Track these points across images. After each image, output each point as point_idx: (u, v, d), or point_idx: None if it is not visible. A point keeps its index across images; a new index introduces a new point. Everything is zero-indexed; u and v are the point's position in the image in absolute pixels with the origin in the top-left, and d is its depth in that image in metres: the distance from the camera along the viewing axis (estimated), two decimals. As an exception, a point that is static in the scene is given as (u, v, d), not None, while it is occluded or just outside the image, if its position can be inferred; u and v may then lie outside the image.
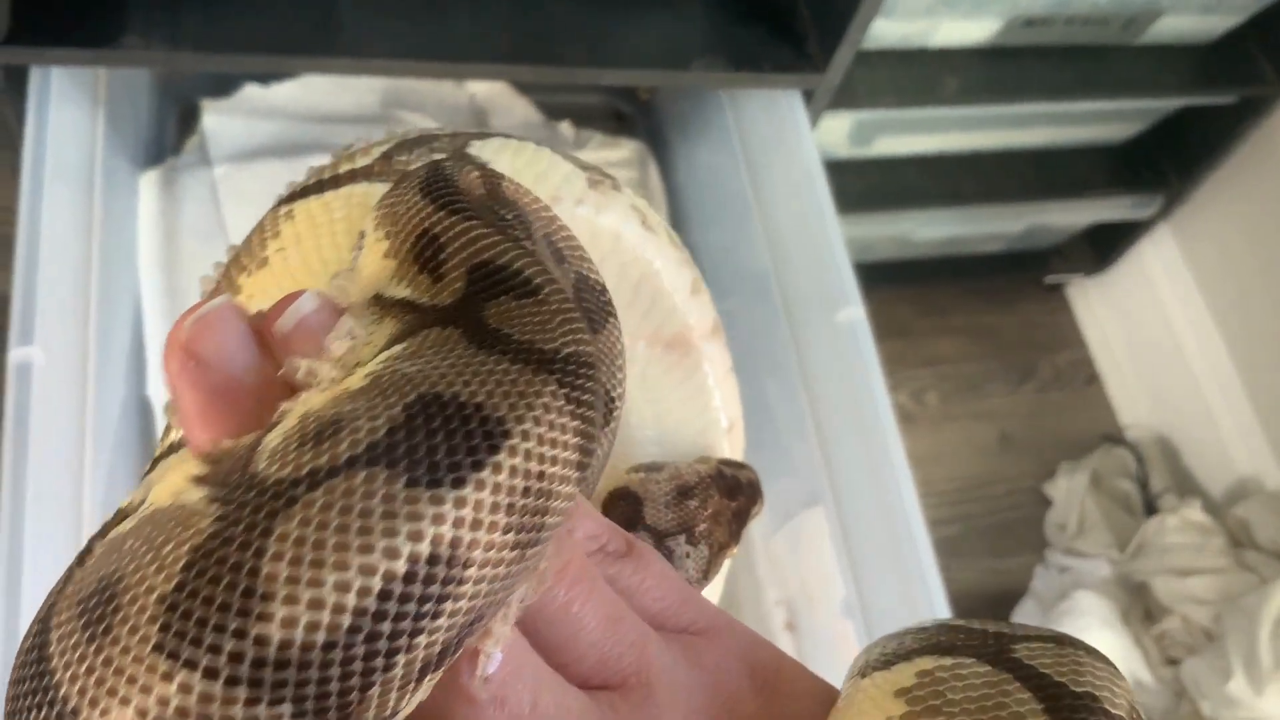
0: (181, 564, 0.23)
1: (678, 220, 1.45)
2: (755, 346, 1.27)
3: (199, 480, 0.26)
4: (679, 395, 0.59)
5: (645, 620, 0.36)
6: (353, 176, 0.48)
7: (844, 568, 1.06)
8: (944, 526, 1.88)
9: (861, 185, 1.71)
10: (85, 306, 1.02)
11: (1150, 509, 1.89)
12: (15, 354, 0.95)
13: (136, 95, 1.28)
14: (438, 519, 0.24)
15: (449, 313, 0.30)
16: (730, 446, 0.62)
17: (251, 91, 1.32)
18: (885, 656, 0.34)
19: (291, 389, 0.31)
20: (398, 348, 0.29)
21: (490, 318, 0.29)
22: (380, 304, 0.33)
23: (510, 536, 0.25)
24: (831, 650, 1.13)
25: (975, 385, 2.06)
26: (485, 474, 0.25)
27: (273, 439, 0.26)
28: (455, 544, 0.24)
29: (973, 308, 2.14)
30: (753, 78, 1.21)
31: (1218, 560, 1.72)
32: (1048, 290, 2.21)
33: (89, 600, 0.24)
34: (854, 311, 1.11)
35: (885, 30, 1.42)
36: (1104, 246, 2.09)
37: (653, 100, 1.53)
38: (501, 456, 0.25)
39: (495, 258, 0.32)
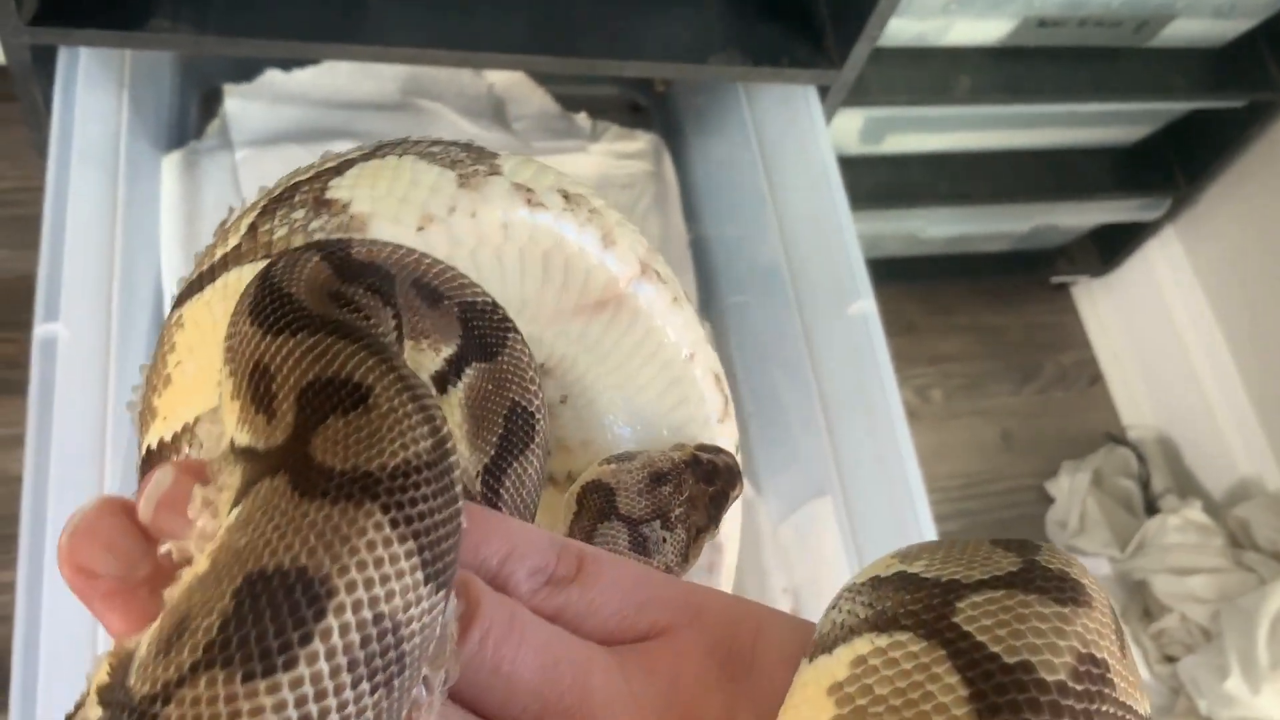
0: None
1: (692, 212, 1.46)
2: (767, 339, 1.28)
3: (100, 695, 0.28)
4: (628, 347, 0.58)
5: (602, 637, 0.36)
6: (225, 264, 0.47)
7: (850, 557, 1.08)
8: (946, 522, 1.90)
9: (871, 182, 1.73)
10: (108, 285, 1.04)
11: (1151, 509, 1.91)
12: (40, 330, 0.97)
13: (160, 78, 1.30)
14: (279, 706, 0.25)
15: (280, 455, 0.31)
16: (700, 373, 0.61)
17: (273, 76, 1.33)
18: (835, 630, 0.34)
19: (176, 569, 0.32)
20: (235, 513, 0.30)
21: (317, 449, 0.30)
22: (234, 453, 0.33)
23: (365, 684, 0.27)
24: (836, 638, 1.14)
25: (979, 383, 2.07)
26: (315, 645, 0.26)
27: (143, 647, 0.28)
28: None
29: (978, 306, 2.15)
30: (770, 72, 1.22)
31: (1217, 560, 1.73)
32: (1053, 290, 2.22)
33: None
34: (865, 305, 1.12)
35: (899, 28, 1.43)
36: (1110, 248, 2.11)
37: (669, 93, 1.54)
38: (329, 620, 0.26)
39: (323, 371, 0.32)
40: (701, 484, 0.59)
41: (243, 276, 0.46)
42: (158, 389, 0.46)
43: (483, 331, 0.46)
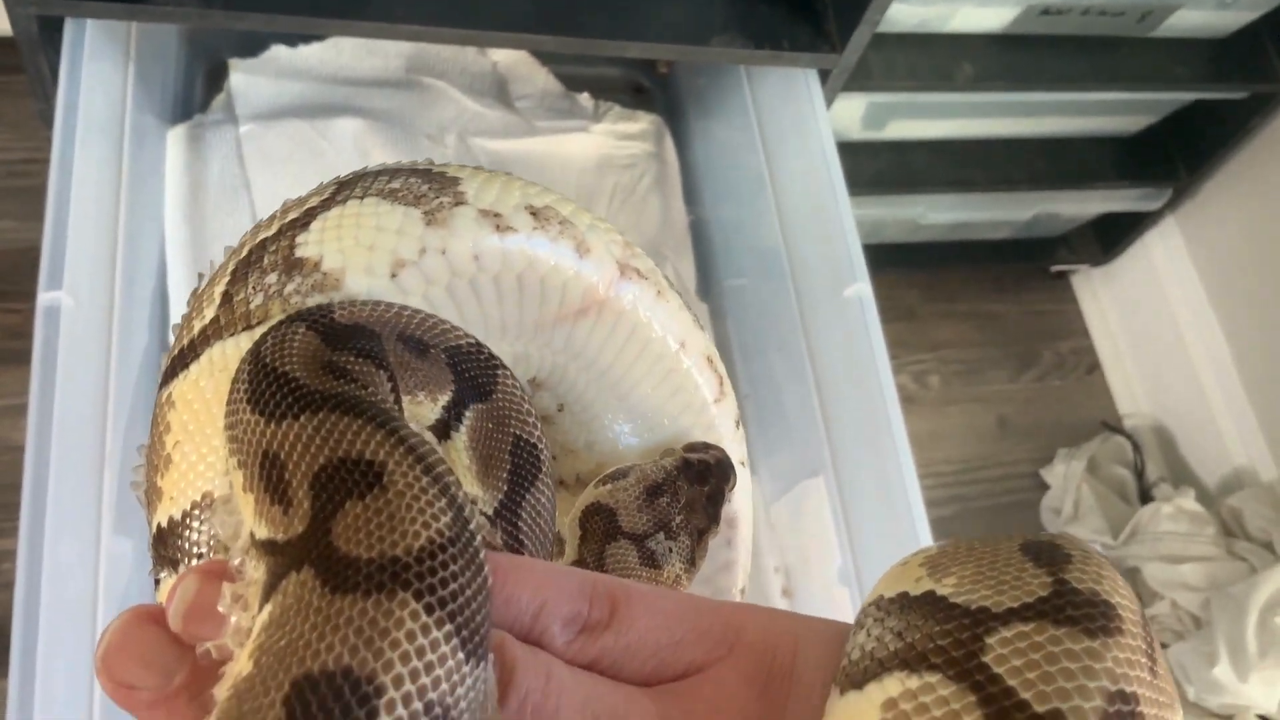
0: None
1: (692, 194, 1.47)
2: (764, 322, 1.29)
3: None
4: (616, 347, 0.58)
5: (641, 680, 0.36)
6: (205, 339, 0.47)
7: (841, 537, 1.09)
8: (940, 507, 1.91)
9: (873, 168, 1.73)
10: (112, 256, 1.05)
11: (1145, 497, 1.92)
12: (44, 298, 0.97)
13: (166, 52, 1.31)
14: None
15: (302, 546, 0.31)
16: (693, 360, 0.61)
17: (279, 52, 1.34)
18: (864, 660, 0.34)
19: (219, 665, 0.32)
20: (269, 609, 0.30)
21: (339, 538, 0.30)
22: (255, 545, 0.33)
23: None
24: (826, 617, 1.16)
25: (977, 370, 2.08)
26: None
27: None
28: None
29: (978, 294, 2.16)
30: (771, 55, 1.23)
31: (1209, 549, 1.74)
32: (1053, 279, 2.23)
33: None
34: (861, 288, 1.13)
35: (902, 14, 1.44)
36: (1110, 237, 2.11)
37: (671, 74, 1.55)
38: (383, 719, 0.26)
39: (333, 453, 0.32)
40: (696, 486, 0.60)
41: (226, 351, 0.46)
42: (159, 469, 0.46)
43: (474, 373, 0.47)
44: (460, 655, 0.29)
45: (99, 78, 1.11)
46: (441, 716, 0.28)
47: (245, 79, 1.32)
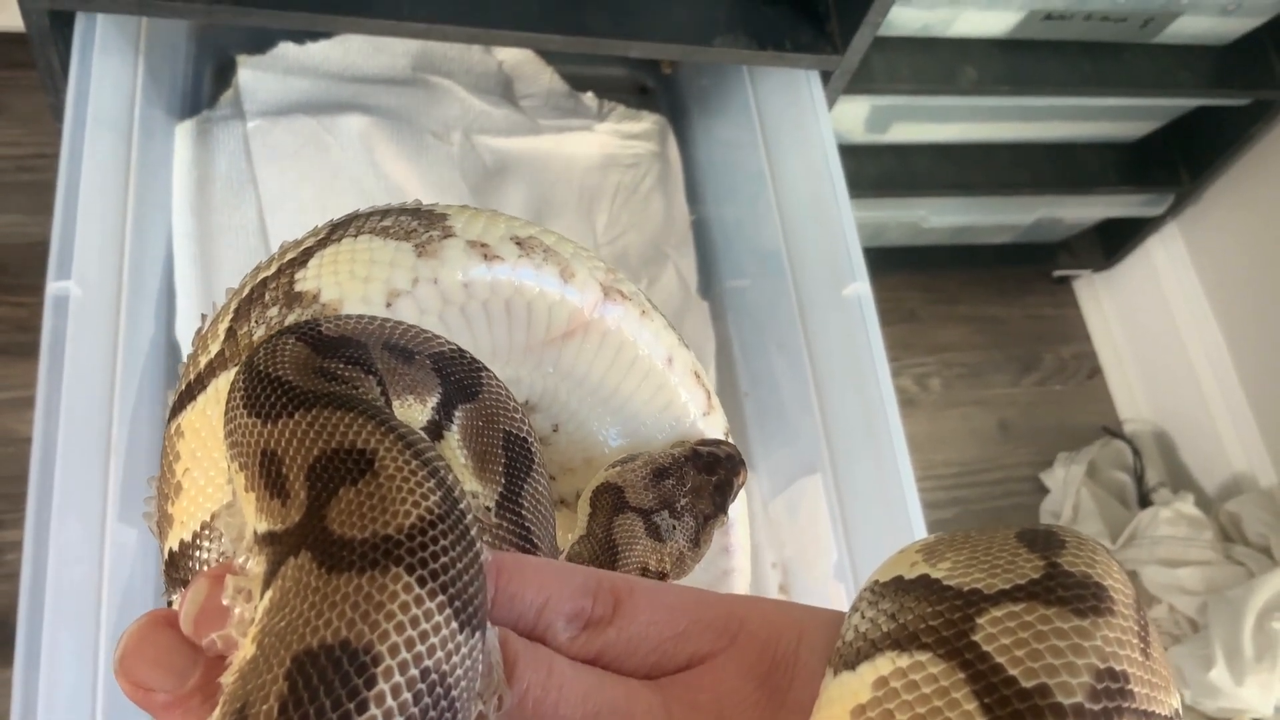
0: None
1: (694, 195, 1.48)
2: (764, 320, 1.30)
3: None
4: (604, 365, 0.61)
5: (644, 672, 0.37)
6: (211, 370, 0.49)
7: (838, 533, 1.10)
8: (940, 510, 1.92)
9: (876, 170, 1.74)
10: (120, 247, 1.06)
11: (1144, 501, 1.93)
12: (53, 287, 0.98)
13: (175, 47, 1.32)
14: None
15: (299, 533, 0.32)
16: (680, 376, 0.63)
17: (286, 49, 1.35)
18: (858, 640, 0.35)
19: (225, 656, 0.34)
20: (269, 594, 0.31)
21: (334, 521, 0.31)
22: (257, 540, 0.35)
23: None
24: (823, 613, 1.16)
25: (978, 373, 2.09)
26: (372, 711, 0.27)
27: None
28: None
29: (980, 297, 2.16)
30: (773, 56, 1.24)
31: (1207, 553, 1.75)
32: (1055, 284, 2.23)
33: None
34: (860, 287, 1.14)
35: (906, 18, 1.45)
36: (1113, 242, 2.12)
37: (675, 74, 1.56)
38: (380, 686, 0.28)
39: (326, 444, 0.34)
40: (703, 474, 0.62)
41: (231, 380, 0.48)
42: (170, 497, 0.48)
43: (459, 376, 0.49)
44: (454, 625, 0.30)
45: (109, 72, 1.12)
46: (438, 683, 0.29)
47: (253, 75, 1.33)
